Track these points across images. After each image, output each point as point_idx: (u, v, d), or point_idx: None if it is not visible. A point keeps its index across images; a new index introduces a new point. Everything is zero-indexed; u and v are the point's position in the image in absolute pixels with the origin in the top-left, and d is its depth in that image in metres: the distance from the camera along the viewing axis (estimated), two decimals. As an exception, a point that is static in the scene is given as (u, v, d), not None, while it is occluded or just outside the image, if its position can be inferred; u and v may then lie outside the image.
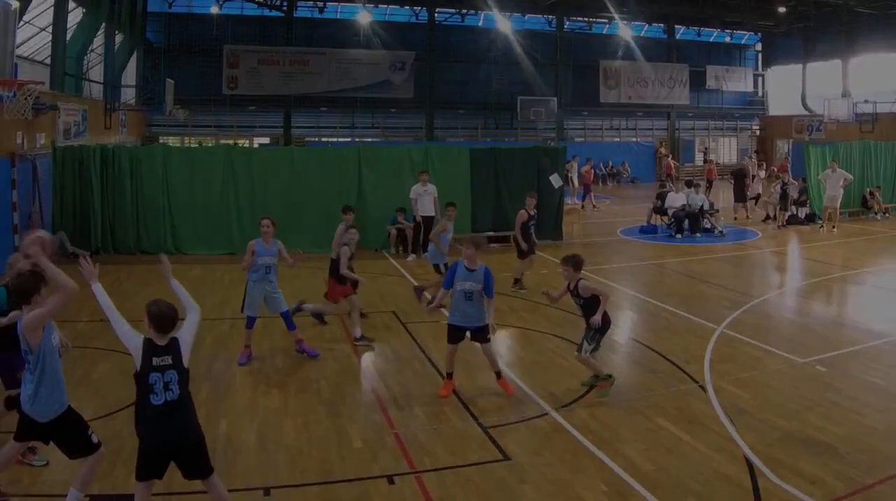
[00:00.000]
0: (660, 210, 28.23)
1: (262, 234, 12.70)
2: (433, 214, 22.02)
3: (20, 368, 7.47)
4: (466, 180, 24.30)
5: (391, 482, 8.33)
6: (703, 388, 11.24)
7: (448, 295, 11.17)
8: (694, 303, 16.73)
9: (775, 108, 59.81)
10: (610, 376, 11.01)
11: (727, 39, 59.31)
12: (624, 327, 15.30)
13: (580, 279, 10.82)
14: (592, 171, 38.84)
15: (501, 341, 14.06)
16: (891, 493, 7.98)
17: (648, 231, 28.01)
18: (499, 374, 11.14)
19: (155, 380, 6.67)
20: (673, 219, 27.15)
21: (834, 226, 27.19)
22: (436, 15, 49.27)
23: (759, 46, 60.79)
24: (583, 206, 35.01)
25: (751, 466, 8.62)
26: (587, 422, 9.99)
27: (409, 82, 48.00)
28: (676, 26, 56.40)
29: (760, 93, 60.81)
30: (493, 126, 50.85)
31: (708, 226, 27.34)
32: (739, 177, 31.37)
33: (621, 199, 40.27)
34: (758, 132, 60.60)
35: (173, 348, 6.81)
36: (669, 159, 47.74)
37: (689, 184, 28.52)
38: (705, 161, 51.68)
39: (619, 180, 52.37)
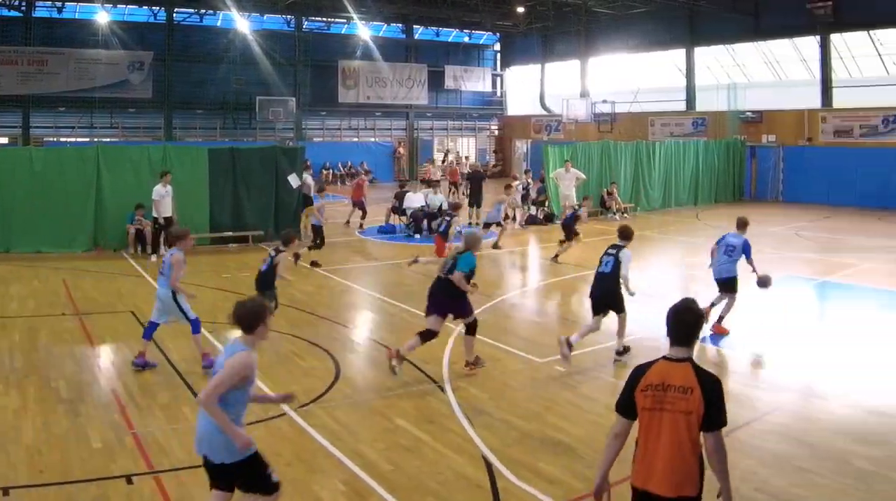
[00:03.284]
0: (398, 210, 28.52)
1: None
2: (171, 215, 22.36)
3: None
4: (205, 180, 24.67)
5: (130, 482, 8.44)
6: (441, 388, 11.41)
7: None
8: (433, 304, 16.92)
9: (514, 108, 62.40)
10: None
11: (466, 39, 61.14)
12: (363, 327, 15.59)
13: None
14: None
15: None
16: (629, 493, 8.17)
17: (387, 231, 28.27)
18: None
19: (602, 261, 13.07)
20: (411, 219, 27.47)
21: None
22: (174, 15, 48.87)
23: (497, 46, 63.14)
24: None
25: (490, 466, 8.75)
26: (326, 422, 10.10)
27: (148, 82, 47.84)
28: (415, 26, 57.69)
29: (499, 94, 63.13)
30: (231, 126, 50.90)
31: (447, 225, 27.84)
32: (476, 181, 31.93)
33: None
34: (496, 132, 62.87)
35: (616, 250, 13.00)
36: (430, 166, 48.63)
37: (427, 184, 28.89)
38: (444, 161, 52.89)
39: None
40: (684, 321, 5.75)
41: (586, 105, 49.10)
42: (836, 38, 40.16)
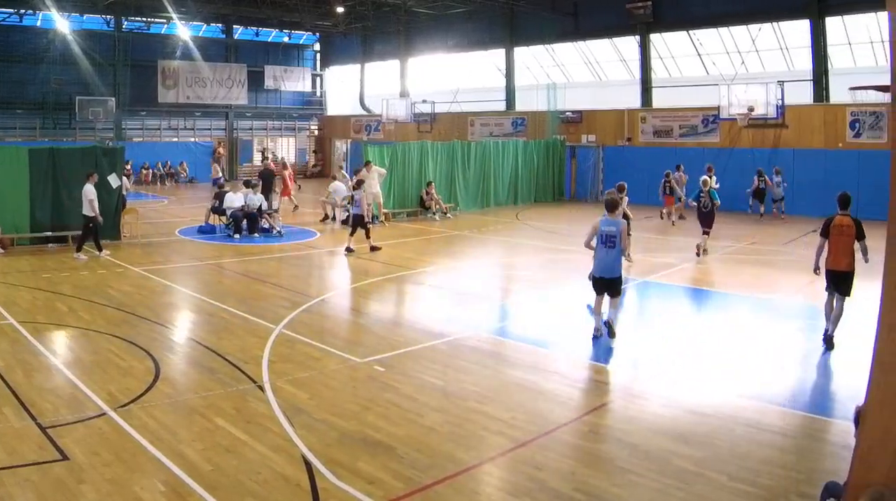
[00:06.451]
0: (218, 210, 28.17)
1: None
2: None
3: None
4: (25, 180, 24.23)
5: (-53, 482, 8.16)
6: (261, 388, 11.30)
7: None
8: (252, 304, 16.83)
9: (334, 108, 62.55)
10: None
11: (286, 39, 60.96)
12: (182, 327, 15.42)
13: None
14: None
15: (60, 341, 14.11)
16: (448, 493, 8.31)
17: (207, 231, 27.96)
18: None
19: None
20: (231, 219, 27.20)
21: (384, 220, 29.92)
22: (-6, 15, 47.26)
23: (317, 46, 63.24)
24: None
25: (309, 466, 8.72)
26: (145, 422, 9.93)
27: (-32, 82, 46.49)
28: (235, 26, 57.35)
29: (319, 94, 63.25)
30: (51, 126, 49.60)
31: (266, 226, 27.66)
32: (267, 180, 31.61)
33: (179, 199, 39.79)
34: (316, 132, 62.91)
35: None
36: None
37: (247, 185, 28.62)
38: (263, 160, 52.73)
39: (178, 180, 52.71)
40: (845, 198, 13.49)
41: (406, 105, 49.48)
42: (655, 39, 41.15)
